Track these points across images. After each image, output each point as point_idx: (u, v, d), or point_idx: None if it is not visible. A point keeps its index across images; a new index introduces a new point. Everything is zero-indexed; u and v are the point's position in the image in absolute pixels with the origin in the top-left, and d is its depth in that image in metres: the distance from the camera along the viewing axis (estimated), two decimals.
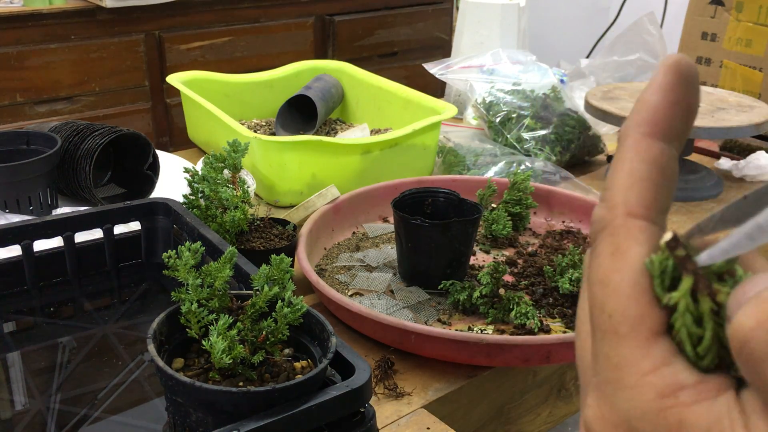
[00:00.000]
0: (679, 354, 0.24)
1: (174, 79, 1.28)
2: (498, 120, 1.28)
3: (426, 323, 0.80)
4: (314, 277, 0.80)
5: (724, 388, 0.23)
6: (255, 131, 1.30)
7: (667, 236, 0.25)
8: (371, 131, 1.31)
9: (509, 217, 1.00)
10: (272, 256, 0.58)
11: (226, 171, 0.86)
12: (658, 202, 0.25)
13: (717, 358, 0.23)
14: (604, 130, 1.40)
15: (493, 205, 1.02)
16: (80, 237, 0.81)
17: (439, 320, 0.81)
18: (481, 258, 0.96)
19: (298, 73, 1.44)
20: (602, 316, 0.25)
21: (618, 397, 0.24)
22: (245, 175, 1.03)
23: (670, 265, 0.24)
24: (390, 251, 0.95)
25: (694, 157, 1.31)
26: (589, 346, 0.27)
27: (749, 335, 0.21)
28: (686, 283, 0.24)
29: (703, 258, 0.24)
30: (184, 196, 0.86)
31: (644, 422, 0.23)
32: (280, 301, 0.55)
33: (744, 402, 0.22)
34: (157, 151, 1.05)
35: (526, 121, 1.26)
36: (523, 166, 1.16)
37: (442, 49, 2.87)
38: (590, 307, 0.25)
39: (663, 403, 0.23)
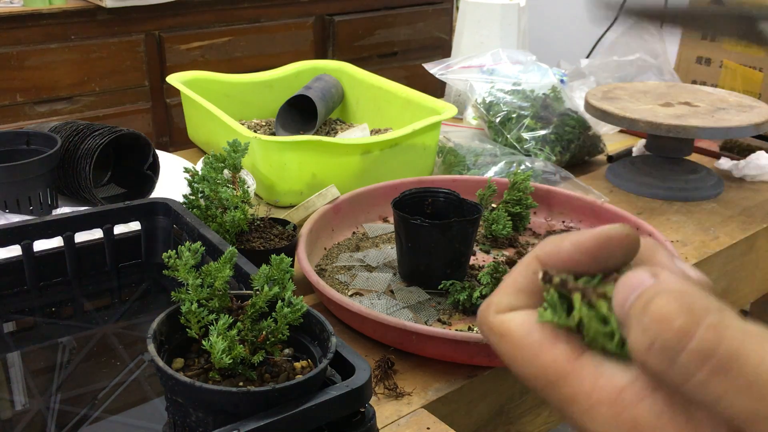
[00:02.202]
0: (606, 358, 0.26)
1: (174, 79, 1.28)
2: (498, 120, 1.28)
3: (426, 323, 0.80)
4: (314, 277, 0.80)
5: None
6: (255, 131, 1.30)
7: (540, 274, 0.28)
8: (371, 131, 1.31)
9: (509, 217, 1.00)
10: (272, 256, 0.58)
11: (226, 171, 0.86)
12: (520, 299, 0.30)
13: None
14: (604, 130, 1.40)
15: (493, 205, 1.02)
16: (80, 237, 0.81)
17: (439, 320, 0.81)
18: (481, 258, 0.96)
19: (298, 73, 1.44)
20: (534, 383, 0.28)
21: (588, 426, 0.26)
22: (245, 175, 1.03)
23: (555, 297, 0.27)
24: (390, 251, 0.95)
25: (694, 157, 1.31)
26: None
27: (644, 358, 0.24)
28: (577, 299, 0.27)
29: None
30: (184, 196, 0.86)
31: None
32: (280, 301, 0.55)
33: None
34: (157, 151, 1.05)
35: (526, 121, 1.26)
36: (523, 166, 1.16)
37: (442, 49, 2.87)
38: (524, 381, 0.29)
39: (614, 410, 0.25)
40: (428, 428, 0.66)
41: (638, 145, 1.37)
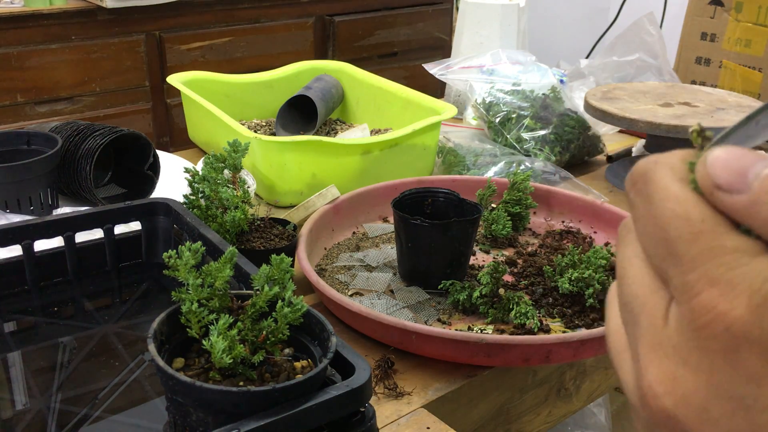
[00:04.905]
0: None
1: (174, 80, 1.28)
2: (498, 120, 1.28)
3: (426, 323, 0.80)
4: (314, 277, 0.80)
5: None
6: (255, 131, 1.30)
7: (695, 127, 0.28)
8: (371, 131, 1.31)
9: (509, 217, 1.00)
10: (272, 256, 0.58)
11: (226, 171, 0.86)
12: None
13: None
14: (603, 130, 1.40)
15: (493, 205, 1.02)
16: (81, 237, 0.82)
17: (439, 320, 0.82)
18: (481, 258, 0.96)
19: (298, 74, 1.44)
20: (674, 224, 0.26)
21: (725, 277, 0.24)
22: (245, 175, 1.04)
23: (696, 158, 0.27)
24: (390, 251, 0.95)
25: None
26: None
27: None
28: None
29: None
30: (185, 196, 0.86)
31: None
32: (280, 301, 0.55)
33: None
34: (158, 151, 1.05)
35: (526, 122, 1.26)
36: (522, 166, 1.16)
37: (442, 49, 2.87)
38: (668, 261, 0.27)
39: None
40: (428, 428, 0.67)
41: (638, 146, 1.37)
